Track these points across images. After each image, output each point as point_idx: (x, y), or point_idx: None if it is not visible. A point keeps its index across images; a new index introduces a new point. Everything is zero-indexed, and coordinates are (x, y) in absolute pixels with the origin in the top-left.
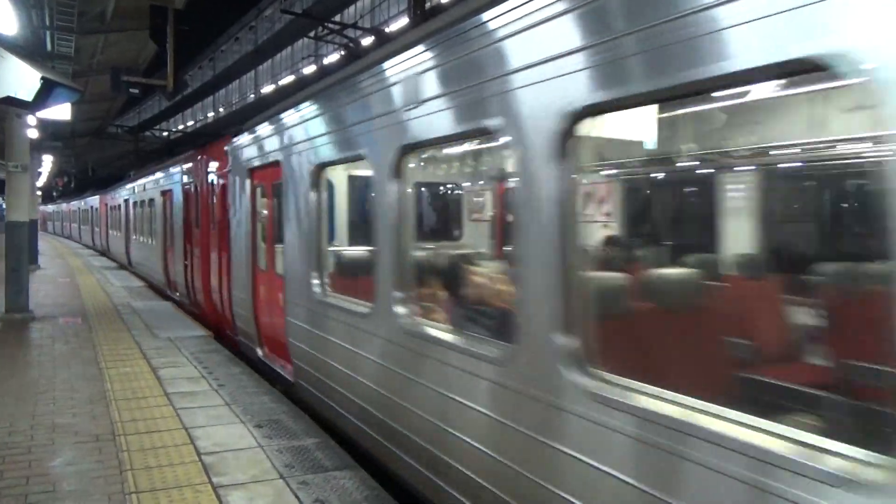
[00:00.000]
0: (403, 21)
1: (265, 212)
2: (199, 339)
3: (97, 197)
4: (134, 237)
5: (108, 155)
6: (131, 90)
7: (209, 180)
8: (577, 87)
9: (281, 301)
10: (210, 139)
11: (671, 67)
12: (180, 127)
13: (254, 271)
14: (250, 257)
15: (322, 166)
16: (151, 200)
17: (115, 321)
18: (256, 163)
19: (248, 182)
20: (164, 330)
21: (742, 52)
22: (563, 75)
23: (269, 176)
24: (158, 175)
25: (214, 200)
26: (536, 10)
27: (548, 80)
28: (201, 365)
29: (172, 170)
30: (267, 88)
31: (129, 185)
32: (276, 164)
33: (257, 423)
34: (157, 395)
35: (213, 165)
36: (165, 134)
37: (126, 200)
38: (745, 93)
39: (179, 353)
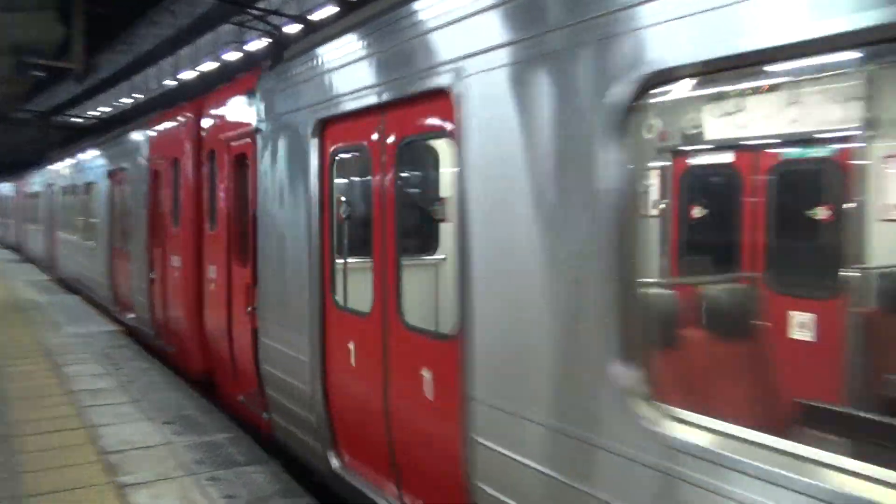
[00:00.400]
0: (329, 10)
1: (358, 202)
2: (107, 335)
3: (10, 184)
4: (63, 235)
5: (14, 141)
6: (35, 72)
7: (206, 149)
8: None
9: (430, 394)
10: (123, 125)
11: None
12: (95, 112)
13: (324, 311)
14: (318, 285)
15: (664, 73)
16: (89, 185)
17: (16, 317)
18: (347, 106)
19: (314, 145)
20: (70, 325)
21: None
22: None
23: (398, 126)
24: (106, 149)
25: (217, 182)
26: None
27: None
28: (109, 361)
29: (133, 138)
30: (188, 74)
31: (58, 166)
32: (430, 96)
33: (167, 419)
34: (60, 393)
35: (216, 125)
36: (79, 120)
37: (50, 185)
38: None
39: (86, 349)
